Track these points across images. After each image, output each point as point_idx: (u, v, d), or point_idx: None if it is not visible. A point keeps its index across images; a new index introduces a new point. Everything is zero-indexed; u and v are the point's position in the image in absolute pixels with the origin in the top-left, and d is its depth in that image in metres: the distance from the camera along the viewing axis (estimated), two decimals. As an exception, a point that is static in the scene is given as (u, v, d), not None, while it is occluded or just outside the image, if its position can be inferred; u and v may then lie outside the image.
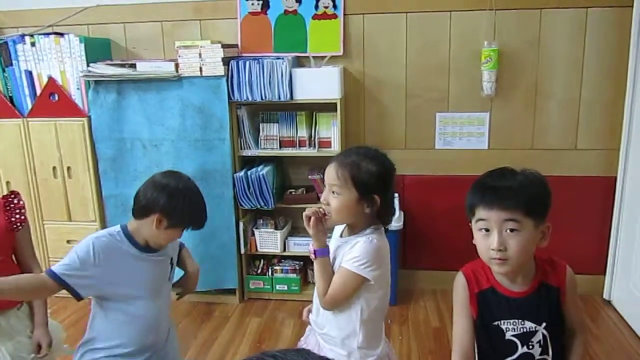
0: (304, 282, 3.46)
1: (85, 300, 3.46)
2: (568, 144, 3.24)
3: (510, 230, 1.38)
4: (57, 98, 3.20)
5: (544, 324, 1.45)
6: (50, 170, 3.31)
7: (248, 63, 3.06)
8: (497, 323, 1.48)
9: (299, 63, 3.30)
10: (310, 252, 1.67)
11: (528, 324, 1.46)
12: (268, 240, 3.36)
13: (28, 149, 3.29)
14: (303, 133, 3.21)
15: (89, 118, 3.21)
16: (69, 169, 3.29)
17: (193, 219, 1.81)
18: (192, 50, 3.04)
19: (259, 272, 3.46)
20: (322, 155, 3.17)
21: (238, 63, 3.07)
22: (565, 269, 1.49)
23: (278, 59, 3.07)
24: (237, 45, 3.32)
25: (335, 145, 3.16)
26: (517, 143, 3.26)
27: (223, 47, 3.04)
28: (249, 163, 3.33)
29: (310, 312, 1.83)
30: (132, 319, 1.75)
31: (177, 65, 3.07)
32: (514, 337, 1.47)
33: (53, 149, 3.27)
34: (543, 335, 1.46)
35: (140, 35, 3.45)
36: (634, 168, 3.04)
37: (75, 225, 3.38)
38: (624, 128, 3.08)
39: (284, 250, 3.39)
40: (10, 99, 3.27)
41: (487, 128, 3.27)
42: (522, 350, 1.47)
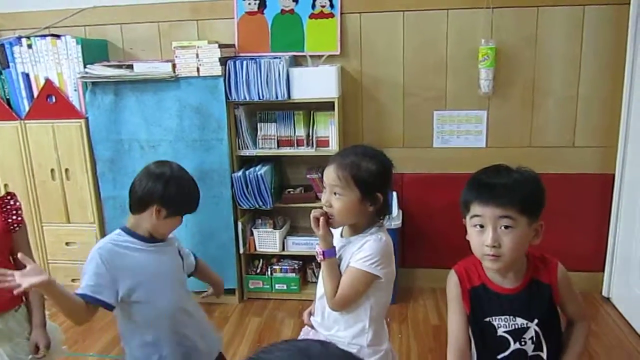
0: (303, 281, 3.46)
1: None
2: (566, 142, 3.24)
3: (505, 227, 1.38)
4: (54, 100, 3.20)
5: (536, 321, 1.46)
6: (48, 172, 3.30)
7: (245, 63, 3.06)
8: (488, 319, 1.49)
9: (296, 62, 3.30)
10: (319, 253, 1.65)
11: (519, 320, 1.46)
12: (267, 240, 3.36)
13: (26, 151, 3.29)
14: (301, 132, 3.21)
15: (87, 119, 3.21)
16: (67, 171, 3.29)
17: (189, 205, 1.85)
18: (189, 51, 3.04)
19: (258, 271, 3.46)
20: (320, 155, 3.17)
21: (235, 63, 3.07)
22: (557, 266, 1.49)
23: (275, 59, 3.06)
24: (234, 45, 3.32)
25: (333, 145, 3.16)
26: (514, 141, 3.27)
27: (220, 47, 3.04)
28: (247, 163, 3.32)
29: (312, 314, 1.82)
30: (153, 311, 1.77)
31: (174, 66, 3.07)
32: (506, 333, 1.47)
33: (51, 151, 3.27)
34: (535, 332, 1.46)
35: (137, 36, 3.45)
36: (632, 165, 3.04)
37: (74, 227, 3.37)
38: (622, 125, 3.08)
39: (283, 250, 3.39)
40: (8, 102, 3.27)
41: (484, 126, 3.27)
42: (514, 347, 1.47)
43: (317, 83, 3.08)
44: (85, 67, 3.15)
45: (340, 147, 3.16)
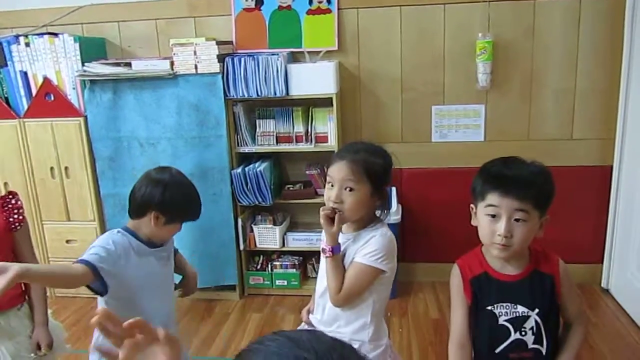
0: (304, 277, 3.48)
1: (86, 301, 3.48)
2: (564, 134, 3.25)
3: (518, 220, 1.42)
4: (52, 98, 3.20)
5: (537, 310, 1.48)
6: (48, 171, 3.31)
7: (243, 59, 3.06)
8: (490, 308, 1.51)
9: (294, 58, 3.30)
10: (326, 250, 1.64)
11: (520, 309, 1.48)
12: (267, 236, 3.37)
13: (25, 150, 3.29)
14: (300, 128, 3.21)
15: (86, 118, 3.21)
16: (67, 169, 3.30)
17: (188, 212, 1.84)
18: (187, 48, 3.04)
19: (259, 268, 3.47)
20: (319, 151, 3.18)
21: (233, 60, 3.07)
22: (558, 261, 1.53)
23: (273, 55, 3.07)
24: (232, 42, 3.32)
25: (332, 140, 3.17)
26: (513, 134, 3.27)
27: (218, 44, 3.04)
28: (247, 159, 3.33)
29: (310, 312, 1.82)
30: (132, 314, 1.75)
31: (172, 63, 3.07)
32: (507, 322, 1.49)
33: (50, 149, 3.27)
34: (536, 322, 1.48)
35: (135, 34, 3.45)
36: (630, 157, 3.05)
37: (74, 225, 3.38)
38: (619, 117, 3.09)
39: (283, 246, 3.40)
40: (6, 100, 3.27)
41: (482, 120, 3.28)
42: (514, 337, 1.49)
43: (315, 79, 3.08)
44: (84, 65, 3.15)
45: (339, 142, 3.16)
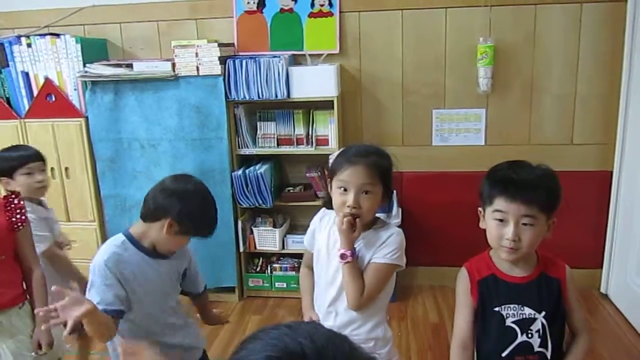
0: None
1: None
2: (564, 139, 3.25)
3: (525, 224, 1.43)
4: (54, 99, 3.20)
5: (544, 313, 1.48)
6: (48, 171, 3.29)
7: (245, 62, 3.07)
8: (497, 309, 1.51)
9: (296, 61, 3.31)
10: (346, 255, 1.61)
11: (527, 310, 1.49)
12: (267, 238, 3.37)
13: (26, 150, 3.29)
14: (300, 131, 3.22)
15: (87, 118, 3.21)
16: (67, 170, 3.30)
17: (204, 228, 1.77)
18: (188, 50, 3.05)
19: (258, 270, 3.47)
20: (319, 153, 3.18)
21: (235, 62, 3.07)
22: (565, 267, 1.54)
23: (274, 58, 3.07)
24: (233, 44, 3.32)
25: (333, 143, 3.17)
26: (513, 139, 3.28)
27: (219, 46, 3.05)
28: (247, 162, 3.33)
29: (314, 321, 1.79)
30: (136, 319, 1.73)
31: (173, 65, 3.07)
32: (514, 323, 1.49)
33: (51, 150, 3.26)
34: (542, 325, 1.48)
35: (137, 35, 3.45)
36: (630, 162, 3.05)
37: (74, 226, 3.37)
38: (619, 122, 3.10)
39: (283, 248, 3.40)
40: (7, 100, 3.27)
41: (483, 124, 3.29)
42: (521, 339, 1.49)
43: (316, 82, 3.09)
44: (85, 66, 3.15)
45: (340, 145, 3.16)
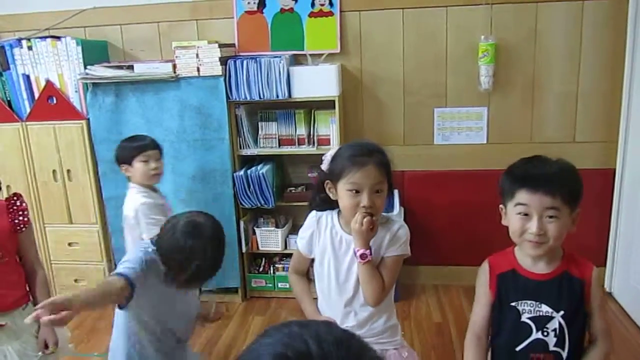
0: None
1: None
2: (566, 137, 3.24)
3: (549, 217, 1.42)
4: (55, 101, 3.20)
5: (562, 312, 1.47)
6: (50, 174, 3.31)
7: (245, 62, 3.07)
8: (514, 304, 1.51)
9: (297, 61, 3.30)
10: (366, 255, 1.60)
11: (545, 308, 1.48)
12: (269, 239, 3.37)
13: (27, 153, 3.29)
14: (302, 131, 3.21)
15: (88, 120, 3.21)
16: (69, 172, 3.30)
17: (206, 279, 1.80)
18: (189, 51, 3.05)
19: (261, 270, 3.47)
20: (321, 153, 3.13)
21: (235, 62, 3.07)
22: (592, 268, 1.51)
23: (275, 58, 3.07)
24: (234, 45, 3.32)
25: (334, 143, 3.17)
26: (515, 137, 3.27)
27: (220, 46, 3.04)
28: (249, 162, 3.33)
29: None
30: (152, 334, 1.82)
31: (174, 66, 3.07)
32: (530, 320, 1.49)
33: (52, 152, 3.27)
34: (559, 325, 1.47)
35: (137, 37, 3.45)
36: (633, 160, 3.04)
37: (77, 228, 3.38)
38: (622, 120, 3.09)
39: (285, 248, 3.40)
40: (9, 103, 3.27)
41: (485, 123, 3.28)
42: (536, 335, 1.48)
43: (317, 82, 3.08)
44: (86, 68, 3.15)
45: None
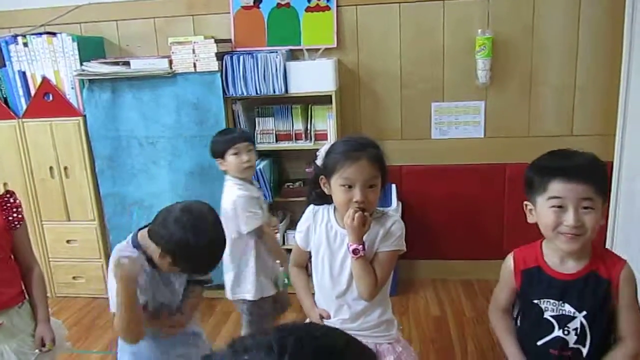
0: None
1: (87, 301, 3.48)
2: (564, 131, 3.24)
3: (584, 208, 1.38)
4: (51, 98, 3.20)
5: (584, 313, 1.44)
6: (47, 171, 3.31)
7: (242, 58, 3.06)
8: (536, 301, 1.50)
9: (293, 56, 3.29)
10: (358, 250, 1.59)
11: (567, 307, 1.46)
12: (267, 235, 3.36)
13: (24, 150, 3.29)
14: (299, 126, 3.21)
15: (85, 117, 3.21)
16: (66, 169, 3.29)
17: (198, 271, 1.76)
18: (185, 47, 3.04)
19: (259, 266, 3.46)
20: (318, 148, 3.14)
21: (232, 58, 3.06)
22: (622, 268, 1.44)
23: (272, 53, 3.06)
24: (230, 40, 3.31)
25: (332, 138, 3.16)
26: (513, 131, 3.26)
27: (216, 42, 3.04)
28: (246, 158, 3.32)
29: (324, 317, 1.76)
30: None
31: (170, 62, 3.06)
32: (552, 317, 1.48)
33: (49, 149, 3.27)
34: (581, 324, 1.45)
35: (133, 33, 3.44)
36: (630, 152, 3.04)
37: (74, 225, 3.38)
38: (619, 113, 3.08)
39: (283, 244, 3.38)
40: (5, 100, 3.26)
41: (482, 117, 3.27)
42: (557, 333, 1.47)
43: (314, 77, 3.08)
44: (82, 64, 3.14)
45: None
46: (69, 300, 3.45)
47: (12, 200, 1.89)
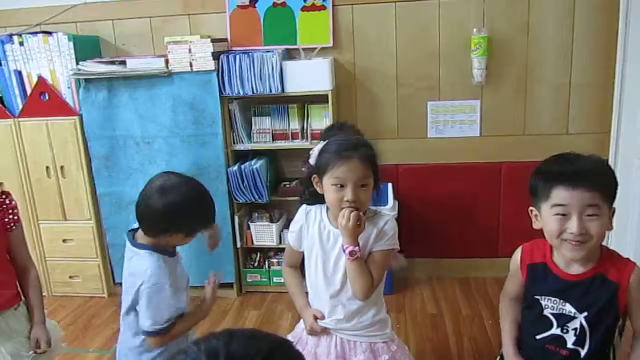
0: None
1: (84, 299, 3.48)
2: (559, 129, 3.25)
3: (589, 215, 1.35)
4: (47, 97, 3.19)
5: (585, 314, 1.42)
6: (44, 170, 3.30)
7: (238, 57, 3.06)
8: (538, 297, 1.50)
9: (289, 55, 3.30)
10: (355, 252, 1.59)
11: (568, 307, 1.45)
12: (264, 234, 3.37)
13: (20, 150, 3.28)
14: (295, 125, 3.21)
15: (81, 116, 3.20)
16: (62, 168, 3.29)
17: (211, 220, 1.84)
18: (181, 46, 3.04)
19: (256, 265, 3.47)
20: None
21: (228, 57, 3.06)
22: (632, 271, 1.41)
23: (268, 52, 3.06)
24: (226, 40, 3.31)
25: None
26: (509, 129, 3.27)
27: (212, 41, 3.03)
28: (243, 157, 3.33)
29: (318, 318, 1.77)
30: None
31: (167, 61, 3.06)
32: (551, 315, 1.48)
33: (45, 149, 3.26)
34: (581, 325, 1.43)
35: (129, 32, 3.44)
36: (625, 150, 3.06)
37: (71, 225, 3.38)
38: (614, 111, 3.10)
39: (280, 243, 3.40)
40: (1, 100, 3.26)
41: (478, 115, 3.28)
42: (555, 331, 1.47)
43: (310, 76, 3.08)
44: (78, 63, 3.14)
45: (335, 139, 3.16)
46: (66, 300, 3.45)
47: (7, 202, 1.87)
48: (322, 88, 3.08)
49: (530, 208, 1.49)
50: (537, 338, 1.51)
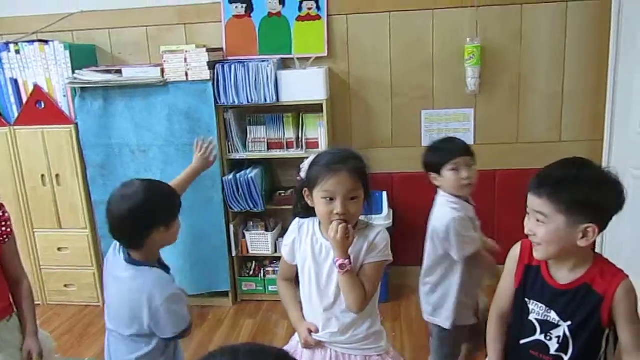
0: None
1: (79, 308, 3.46)
2: (552, 137, 3.28)
3: (537, 220, 1.41)
4: (43, 106, 3.20)
5: (569, 323, 1.43)
6: (39, 178, 3.30)
7: (233, 66, 3.08)
8: (527, 300, 1.51)
9: (284, 65, 3.32)
10: (345, 265, 1.58)
11: (553, 315, 1.46)
12: (259, 242, 3.38)
13: (15, 158, 3.28)
14: (290, 134, 3.23)
15: (76, 125, 3.21)
16: (58, 177, 3.29)
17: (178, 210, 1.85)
18: (177, 55, 3.05)
19: (251, 274, 3.48)
20: (309, 156, 3.18)
21: (223, 67, 3.08)
22: (620, 282, 1.39)
23: (263, 62, 3.08)
24: (222, 49, 3.33)
25: (323, 146, 3.18)
26: (502, 137, 3.30)
27: (208, 51, 3.05)
28: (238, 166, 3.34)
29: (312, 331, 1.76)
30: None
31: (162, 71, 3.08)
32: (536, 320, 1.49)
33: (41, 157, 3.27)
34: (564, 334, 1.44)
35: (126, 41, 3.45)
36: (618, 157, 3.08)
37: (66, 233, 3.38)
38: (607, 119, 3.12)
39: (275, 252, 3.40)
40: (-4, 108, 3.27)
41: (472, 124, 3.31)
42: (538, 337, 1.48)
43: (305, 85, 3.10)
44: (74, 72, 3.15)
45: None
46: (61, 308, 3.44)
47: (0, 214, 1.86)
48: (317, 97, 3.10)
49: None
50: (521, 343, 1.52)
